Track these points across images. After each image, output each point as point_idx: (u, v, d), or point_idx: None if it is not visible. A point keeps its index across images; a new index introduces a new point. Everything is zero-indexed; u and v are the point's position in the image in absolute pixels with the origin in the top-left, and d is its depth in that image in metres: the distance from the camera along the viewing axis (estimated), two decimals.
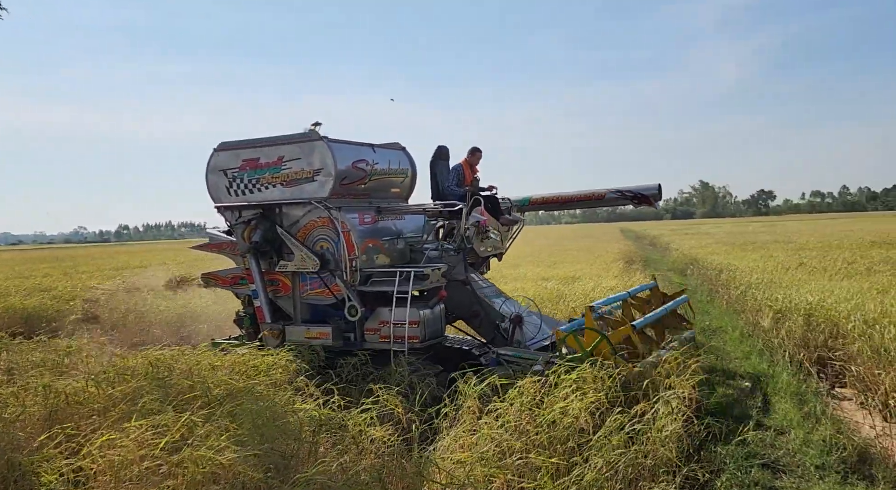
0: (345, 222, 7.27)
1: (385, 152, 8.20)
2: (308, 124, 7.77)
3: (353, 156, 7.67)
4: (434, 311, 7.27)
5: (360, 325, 7.31)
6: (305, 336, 7.58)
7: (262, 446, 4.11)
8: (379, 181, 8.02)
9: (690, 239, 31.58)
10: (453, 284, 7.53)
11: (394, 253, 7.75)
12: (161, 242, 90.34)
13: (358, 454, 4.35)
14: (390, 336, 7.02)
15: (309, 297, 7.69)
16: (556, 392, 5.01)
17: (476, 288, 7.62)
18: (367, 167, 7.79)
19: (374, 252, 7.52)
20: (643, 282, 12.59)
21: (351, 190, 7.70)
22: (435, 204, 8.10)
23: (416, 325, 6.98)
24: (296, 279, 7.71)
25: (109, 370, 5.74)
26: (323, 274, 7.45)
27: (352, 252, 7.23)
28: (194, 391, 5.13)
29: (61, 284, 16.95)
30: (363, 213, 7.65)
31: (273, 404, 4.80)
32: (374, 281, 7.31)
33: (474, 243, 7.57)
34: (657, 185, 7.93)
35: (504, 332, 7.26)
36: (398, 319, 6.96)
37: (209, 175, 8.10)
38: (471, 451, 4.22)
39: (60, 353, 7.64)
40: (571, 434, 4.51)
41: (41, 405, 4.98)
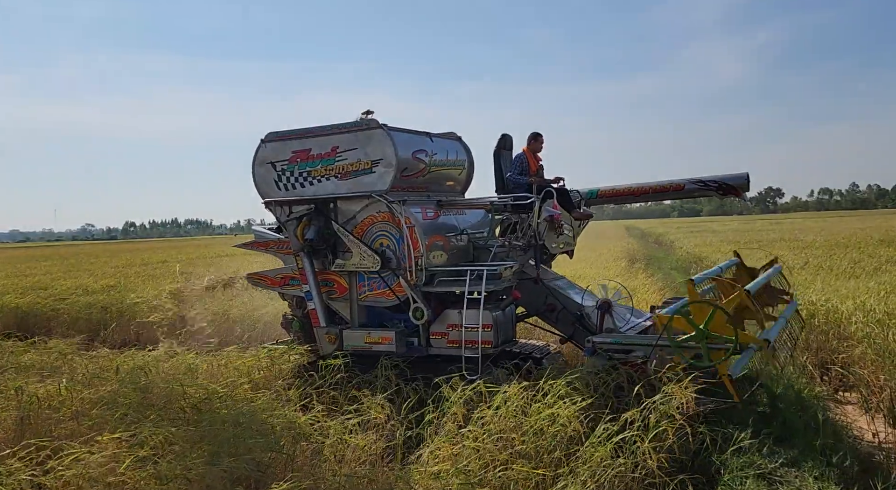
0: (409, 217, 6.76)
1: (442, 142, 7.77)
2: (359, 114, 7.25)
3: (412, 145, 7.21)
4: (506, 313, 6.83)
5: (425, 330, 6.79)
6: (365, 341, 7.06)
7: (236, 458, 3.96)
8: (437, 173, 7.57)
9: (695, 237, 31.29)
10: (525, 282, 7.11)
11: (456, 250, 7.27)
12: (167, 240, 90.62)
13: (337, 463, 4.20)
14: (461, 341, 6.51)
15: (367, 298, 7.17)
16: (544, 398, 4.84)
17: (548, 281, 7.20)
18: (426, 158, 7.33)
19: (436, 249, 7.01)
20: (646, 282, 12.40)
21: (410, 182, 7.23)
22: (501, 197, 7.56)
23: (489, 328, 6.48)
24: (353, 280, 7.19)
25: (87, 374, 5.62)
26: (384, 273, 6.94)
27: (417, 249, 6.71)
28: (172, 396, 5.00)
29: (59, 283, 16.87)
30: (426, 207, 7.14)
31: (252, 411, 4.66)
32: (440, 281, 6.81)
33: (546, 239, 7.02)
34: (745, 173, 7.15)
35: (590, 323, 6.82)
36: (470, 323, 6.47)
37: (256, 168, 7.55)
38: (451, 463, 4.05)
39: (52, 354, 7.56)
40: (559, 443, 4.34)
41: (13, 409, 4.86)
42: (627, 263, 18.14)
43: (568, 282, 7.65)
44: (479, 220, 7.77)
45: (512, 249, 7.21)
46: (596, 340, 6.08)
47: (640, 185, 7.61)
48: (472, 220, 7.74)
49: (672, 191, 7.51)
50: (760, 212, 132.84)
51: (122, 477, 3.64)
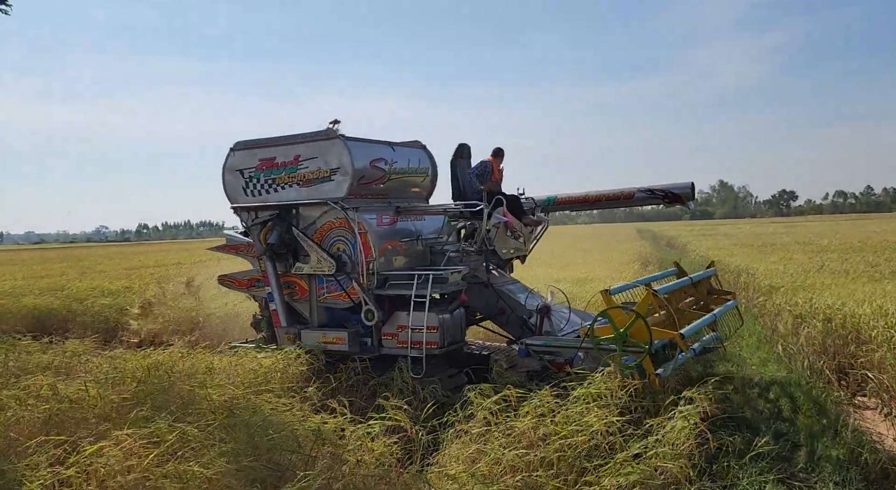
0: (361, 223, 7.08)
1: (405, 151, 8.04)
2: (326, 123, 7.56)
3: (371, 154, 7.51)
4: (454, 316, 7.04)
5: (377, 330, 7.12)
6: (321, 340, 7.42)
7: (255, 459, 3.99)
8: (398, 180, 7.85)
9: (708, 240, 31.10)
10: (476, 286, 7.33)
11: (414, 254, 7.57)
12: (179, 242, 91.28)
13: (354, 465, 4.21)
14: (408, 341, 6.80)
15: (326, 300, 7.52)
16: (571, 406, 4.81)
17: (500, 285, 7.39)
18: (385, 166, 7.63)
19: (392, 254, 7.33)
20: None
21: (369, 190, 7.54)
22: (456, 204, 7.92)
23: (435, 330, 6.77)
24: (312, 282, 7.54)
25: (110, 373, 5.68)
26: (339, 276, 7.27)
27: (368, 254, 7.05)
28: (193, 397, 5.04)
29: (75, 284, 17.05)
30: (381, 214, 7.45)
31: (271, 413, 4.68)
32: (391, 284, 7.10)
33: (496, 245, 7.34)
34: (690, 183, 7.54)
35: (532, 325, 7.07)
36: (416, 324, 6.75)
37: (226, 175, 7.95)
38: (468, 468, 4.05)
39: (67, 354, 7.65)
40: (581, 451, 4.32)
41: (39, 409, 4.91)
42: (640, 266, 18.06)
43: (521, 286, 7.85)
44: (438, 227, 8.04)
45: (465, 254, 7.49)
46: (528, 343, 6.49)
47: (595, 194, 8.01)
48: (431, 226, 8.00)
49: (623, 199, 7.85)
50: (774, 215, 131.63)
51: (145, 473, 3.68)
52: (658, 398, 5.19)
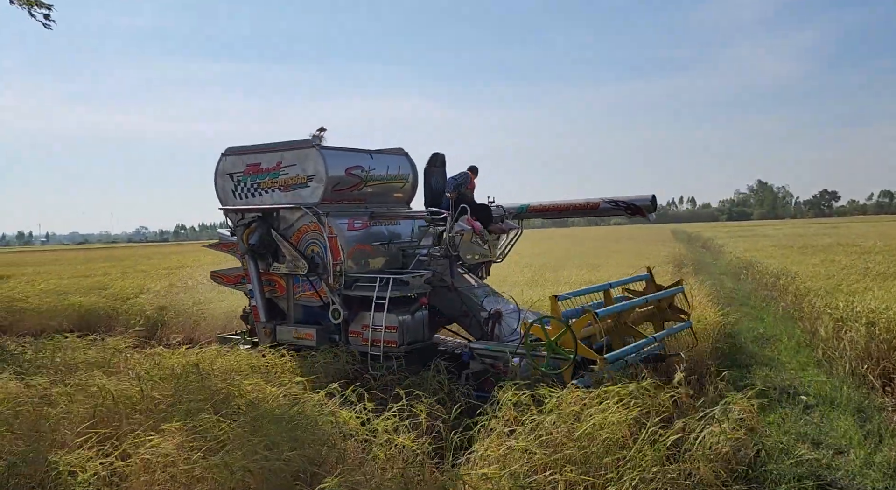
0: (332, 228, 7.51)
1: (384, 158, 8.42)
2: (314, 130, 8.14)
3: (346, 162, 7.92)
4: (415, 317, 7.40)
5: (344, 328, 7.53)
6: (293, 336, 7.91)
7: (290, 453, 4.08)
8: (376, 187, 8.29)
9: (745, 241, 30.40)
10: (441, 289, 7.65)
11: (388, 257, 8.01)
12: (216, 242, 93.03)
13: (386, 462, 4.27)
14: (373, 340, 7.21)
15: (301, 298, 7.99)
16: (597, 404, 4.79)
17: (467, 290, 7.72)
18: (362, 173, 8.06)
19: (363, 257, 7.76)
20: (694, 287, 12.13)
21: (345, 196, 7.96)
22: (424, 211, 8.35)
23: (395, 330, 7.17)
24: (290, 281, 8.01)
25: (152, 371, 5.86)
26: (311, 277, 7.73)
27: (337, 257, 7.49)
28: (231, 393, 5.18)
29: (117, 283, 17.58)
30: (353, 219, 7.85)
31: (305, 409, 4.78)
32: (357, 285, 7.51)
33: (461, 250, 7.65)
34: (651, 195, 7.80)
35: (487, 329, 7.36)
36: (377, 324, 7.15)
37: (217, 178, 8.46)
38: (500, 466, 4.07)
39: (109, 351, 7.91)
40: (609, 449, 4.30)
41: (86, 404, 5.10)
42: (674, 268, 17.77)
43: (488, 290, 8.08)
44: (412, 231, 8.41)
45: (433, 259, 7.80)
46: (472, 346, 6.93)
47: (563, 203, 8.39)
48: (405, 231, 8.40)
49: (589, 208, 8.21)
50: (814, 216, 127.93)
51: (191, 465, 3.80)
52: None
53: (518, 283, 12.97)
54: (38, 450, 4.31)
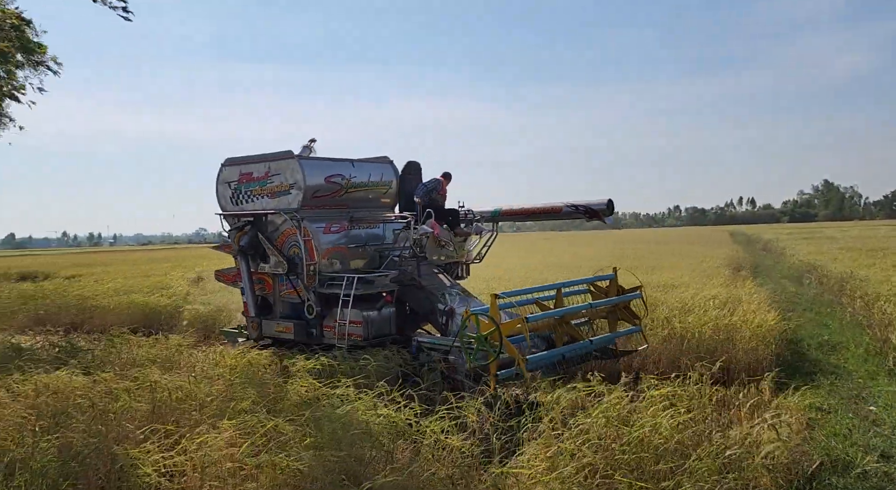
0: (308, 231, 8.16)
1: (366, 166, 9.07)
2: (306, 140, 8.97)
3: (325, 171, 8.59)
4: (381, 313, 8.02)
5: (319, 323, 8.25)
6: (276, 330, 8.70)
7: (339, 453, 4.15)
8: (357, 193, 8.93)
9: (809, 244, 29.09)
10: (411, 287, 8.16)
11: (366, 258, 8.71)
12: None
13: (434, 463, 4.29)
14: (341, 334, 7.84)
15: (285, 296, 8.71)
16: (645, 408, 4.69)
17: (436, 288, 8.14)
18: (342, 181, 8.71)
19: (339, 258, 8.43)
20: (753, 291, 11.72)
21: (326, 201, 8.62)
22: (395, 215, 9.08)
23: (360, 324, 7.81)
24: (276, 280, 8.78)
25: (210, 369, 6.06)
26: (291, 276, 8.45)
27: (312, 258, 8.15)
28: (284, 392, 5.30)
29: (179, 283, 18.26)
30: (331, 223, 8.51)
31: (353, 409, 4.84)
32: (329, 283, 8.14)
33: (427, 251, 8.22)
34: (607, 200, 8.13)
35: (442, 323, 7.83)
36: (344, 319, 7.78)
37: (218, 186, 9.22)
38: (549, 468, 4.02)
39: (171, 348, 8.22)
40: (662, 455, 4.20)
41: (147, 400, 5.31)
42: (732, 271, 17.19)
43: (460, 289, 8.38)
44: (390, 234, 9.00)
45: (403, 259, 8.35)
46: (419, 340, 7.36)
47: (530, 207, 8.82)
48: (384, 233, 9.03)
49: (553, 212, 8.60)
50: (886, 217, 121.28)
51: (241, 463, 3.91)
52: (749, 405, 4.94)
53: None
54: (104, 442, 4.52)
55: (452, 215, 8.75)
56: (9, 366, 6.70)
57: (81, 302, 15.51)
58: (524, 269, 17.06)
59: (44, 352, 8.30)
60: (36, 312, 15.17)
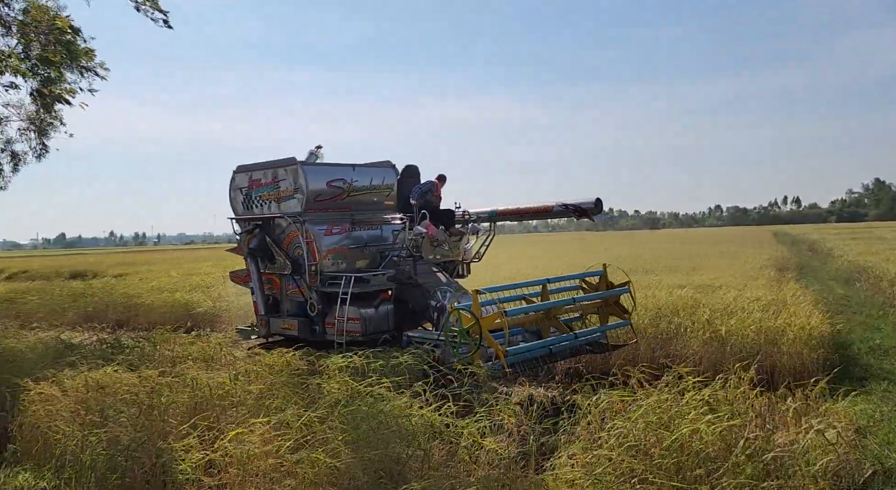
0: (310, 233, 8.58)
1: (367, 170, 9.50)
2: (313, 146, 9.46)
3: (327, 176, 9.02)
4: (378, 311, 8.36)
5: (321, 320, 8.62)
6: (282, 327, 9.15)
7: (375, 451, 4.17)
8: (359, 196, 9.35)
9: (859, 244, 28.03)
10: (408, 285, 8.51)
11: (368, 258, 9.07)
12: None
13: (470, 464, 4.28)
14: (340, 330, 8.20)
15: (291, 295, 9.13)
16: (686, 412, 4.58)
17: (432, 286, 8.47)
18: (343, 185, 9.14)
19: (341, 258, 8.82)
20: (798, 293, 11.37)
21: (329, 205, 9.04)
22: (392, 217, 9.49)
23: (357, 321, 8.17)
24: (283, 280, 9.20)
25: (249, 367, 6.17)
26: (295, 276, 8.90)
27: (314, 258, 8.56)
28: (320, 391, 5.36)
29: (220, 282, 18.66)
30: (332, 225, 8.91)
31: (389, 408, 4.86)
32: (329, 282, 8.53)
33: (422, 250, 8.53)
34: (595, 199, 8.40)
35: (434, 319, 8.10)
36: (342, 316, 8.16)
37: (231, 192, 9.74)
38: (585, 472, 3.97)
39: (212, 346, 8.41)
40: (702, 460, 4.10)
41: (188, 395, 5.45)
42: (776, 273, 16.68)
43: (457, 287, 8.70)
44: (391, 234, 9.37)
45: (402, 259, 8.66)
46: (409, 334, 7.66)
47: (525, 207, 9.08)
48: (386, 234, 9.38)
49: (544, 211, 8.87)
50: None
51: (280, 459, 3.97)
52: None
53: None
54: (149, 437, 4.65)
55: (448, 216, 9.12)
56: (60, 361, 6.95)
57: (127, 300, 16.01)
58: (556, 269, 16.89)
59: (92, 348, 8.56)
60: (85, 310, 15.73)
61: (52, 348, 8.42)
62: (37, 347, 8.50)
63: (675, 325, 8.67)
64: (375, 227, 9.40)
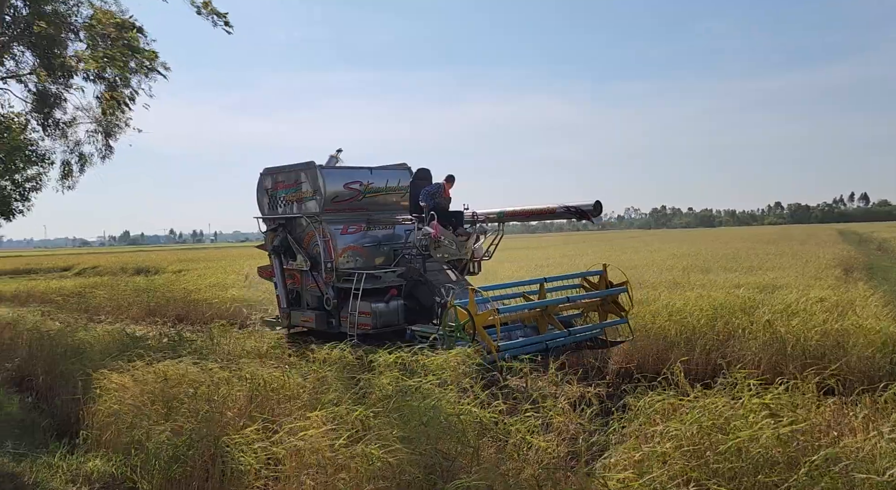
0: (326, 232, 9.23)
1: (384, 173, 10.07)
2: (333, 150, 10.09)
3: (344, 179, 9.64)
4: (389, 305, 8.91)
5: (337, 314, 9.25)
6: (301, 320, 9.87)
7: (426, 447, 4.21)
8: (375, 198, 9.95)
9: None
10: (417, 282, 9.05)
11: (383, 256, 9.72)
12: None
13: (520, 462, 4.26)
14: (352, 323, 8.81)
15: (310, 289, 9.79)
16: (743, 415, 4.44)
17: (440, 283, 8.93)
18: (360, 187, 9.75)
19: (356, 256, 9.47)
20: (867, 294, 10.83)
21: (346, 206, 9.66)
22: (403, 218, 10.00)
23: (368, 315, 8.70)
24: (304, 275, 9.87)
25: (302, 363, 6.32)
26: (314, 272, 9.53)
27: (330, 256, 9.19)
28: (372, 386, 5.45)
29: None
30: (348, 225, 9.57)
31: (439, 404, 4.89)
32: (344, 279, 9.15)
33: (431, 250, 8.95)
34: (594, 201, 8.64)
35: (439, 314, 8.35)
36: (354, 310, 8.75)
37: (258, 193, 10.42)
38: (637, 472, 3.90)
39: (267, 341, 8.66)
40: (762, 466, 3.96)
41: (245, 389, 5.62)
42: (842, 273, 15.94)
43: (465, 284, 9.04)
44: (404, 233, 9.94)
45: (413, 257, 9.20)
46: (412, 328, 8.03)
47: (530, 208, 9.36)
48: (400, 233, 9.96)
49: (548, 213, 9.14)
50: None
51: (335, 453, 4.06)
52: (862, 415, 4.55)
53: (658, 285, 12.36)
54: (210, 428, 4.82)
55: (456, 217, 9.48)
56: (126, 353, 7.29)
57: (186, 295, 16.61)
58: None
59: (155, 341, 8.94)
60: (147, 304, 16.41)
61: (118, 341, 8.83)
62: (104, 339, 8.93)
63: (731, 326, 8.40)
64: (390, 226, 9.99)
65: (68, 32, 10.31)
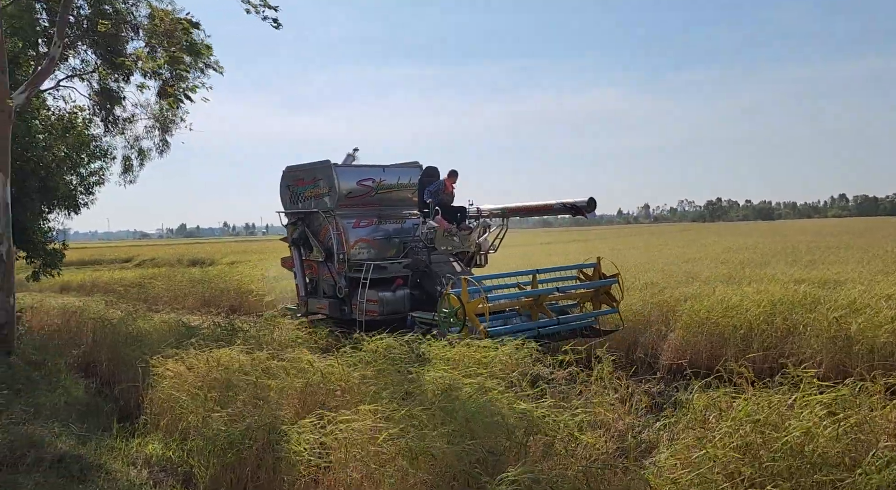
0: (339, 225, 9.90)
1: (396, 171, 10.74)
2: (350, 149, 10.79)
3: (357, 176, 10.35)
4: (395, 294, 9.61)
5: (349, 302, 9.93)
6: (317, 307, 10.60)
7: (471, 441, 4.20)
8: (387, 194, 10.63)
9: None
10: (423, 272, 9.59)
11: (393, 249, 10.38)
12: None
13: (567, 458, 4.21)
14: (361, 310, 9.50)
15: (326, 279, 10.49)
16: (800, 414, 4.25)
17: (443, 273, 9.41)
18: (372, 184, 10.44)
19: (367, 248, 10.16)
20: None
21: (359, 201, 10.37)
22: (413, 212, 10.64)
23: (375, 302, 9.41)
24: (321, 266, 10.58)
25: (353, 355, 6.40)
26: (328, 263, 10.21)
27: (342, 248, 9.87)
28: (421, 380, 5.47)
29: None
30: (360, 219, 10.31)
31: (487, 400, 4.87)
32: (355, 269, 9.82)
33: (436, 243, 9.54)
34: (589, 197, 9.02)
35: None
36: (363, 299, 9.43)
37: (281, 189, 11.16)
38: (690, 470, 3.79)
39: (317, 332, 8.80)
40: (820, 466, 3.79)
41: (299, 379, 5.73)
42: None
43: (465, 276, 9.12)
44: (414, 228, 10.38)
45: (419, 250, 9.79)
46: (413, 315, 8.85)
47: (529, 204, 9.85)
48: (410, 228, 10.52)
49: (546, 209, 9.66)
50: None
51: (381, 447, 4.10)
52: None
53: (711, 279, 12.00)
54: (264, 416, 4.94)
55: (460, 212, 10.05)
56: (183, 342, 7.54)
57: (239, 286, 17.09)
58: (657, 261, 16.23)
59: (209, 331, 9.22)
60: (202, 294, 16.96)
61: (175, 330, 9.15)
62: (161, 328, 9.28)
63: (790, 322, 8.08)
64: (400, 221, 10.69)
65: (128, 31, 10.66)
